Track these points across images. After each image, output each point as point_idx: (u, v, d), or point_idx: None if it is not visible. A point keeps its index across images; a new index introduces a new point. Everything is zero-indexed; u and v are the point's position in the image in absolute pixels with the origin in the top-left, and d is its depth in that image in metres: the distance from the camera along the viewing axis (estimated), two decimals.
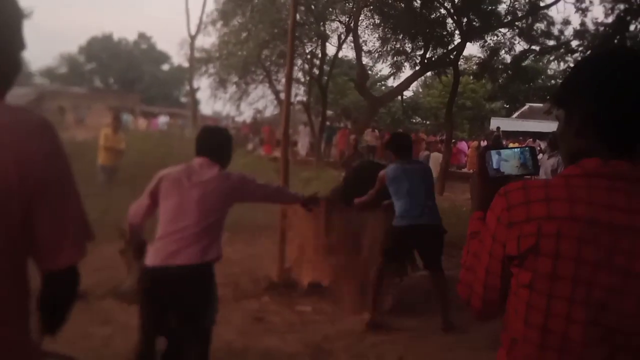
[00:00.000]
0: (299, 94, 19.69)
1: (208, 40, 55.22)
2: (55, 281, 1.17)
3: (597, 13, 57.60)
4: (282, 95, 13.26)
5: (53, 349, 1.60)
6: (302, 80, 19.50)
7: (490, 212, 1.12)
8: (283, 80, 16.36)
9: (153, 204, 2.69)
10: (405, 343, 3.73)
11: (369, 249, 4.65)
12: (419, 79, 21.46)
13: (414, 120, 32.41)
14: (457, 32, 14.49)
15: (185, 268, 2.52)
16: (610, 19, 12.41)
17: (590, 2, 13.09)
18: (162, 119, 25.24)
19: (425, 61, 15.25)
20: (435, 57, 15.38)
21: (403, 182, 4.40)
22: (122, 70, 46.42)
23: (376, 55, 16.62)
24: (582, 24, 13.33)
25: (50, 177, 1.12)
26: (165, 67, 50.76)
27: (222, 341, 3.79)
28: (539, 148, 18.21)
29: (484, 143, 21.74)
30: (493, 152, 1.28)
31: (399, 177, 4.42)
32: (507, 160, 1.26)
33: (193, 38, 20.82)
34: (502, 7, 14.41)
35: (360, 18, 15.50)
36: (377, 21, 15.45)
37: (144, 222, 2.80)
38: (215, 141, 2.85)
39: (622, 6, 11.94)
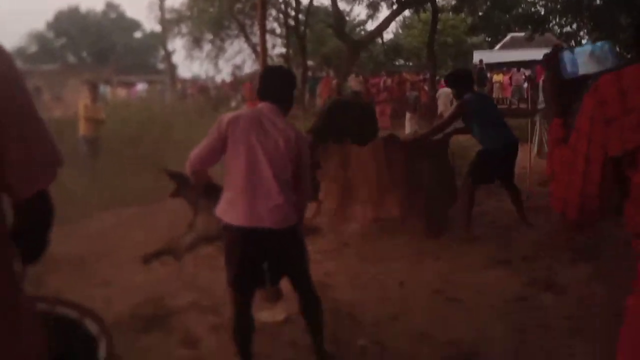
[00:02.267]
0: (277, 45, 19.31)
1: None
2: (27, 209, 1.14)
3: None
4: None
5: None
6: (279, 32, 19.08)
7: (580, 115, 1.04)
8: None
9: (221, 149, 2.53)
10: (404, 270, 3.78)
11: (431, 181, 4.82)
12: (398, 20, 21.13)
13: (397, 63, 31.98)
14: None
15: (275, 231, 2.45)
16: None
17: None
18: (140, 87, 24.74)
19: None
20: None
21: (488, 110, 4.87)
22: (93, 43, 45.14)
23: None
24: None
25: (10, 101, 1.07)
26: (138, 34, 49.37)
27: (225, 286, 3.82)
28: (524, 77, 18.11)
29: None
30: (566, 52, 1.20)
31: (484, 107, 4.83)
32: (581, 58, 1.18)
33: None
34: None
35: None
36: None
37: (208, 168, 2.68)
38: (283, 85, 2.67)
39: None
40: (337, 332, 3.07)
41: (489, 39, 30.88)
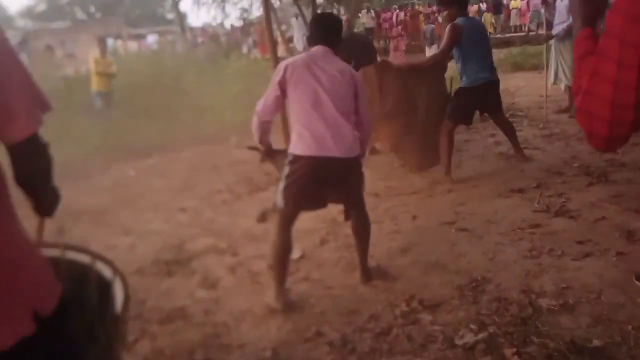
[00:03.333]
0: None
1: None
2: (18, 154, 1.17)
3: None
4: None
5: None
6: None
7: (612, 13, 0.93)
8: None
9: (282, 94, 2.72)
10: (416, 204, 3.82)
11: (427, 108, 4.60)
12: None
13: None
14: None
15: (345, 160, 2.68)
16: None
17: None
18: (151, 38, 24.48)
19: None
20: None
21: (476, 38, 4.42)
22: None
23: None
24: None
25: None
26: None
27: (242, 229, 3.95)
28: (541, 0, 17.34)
29: (483, 6, 20.79)
30: None
31: (472, 33, 4.39)
32: None
33: None
34: None
35: None
36: None
37: (274, 116, 2.89)
38: (331, 29, 2.88)
39: None
40: (351, 264, 3.16)
41: None
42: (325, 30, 2.85)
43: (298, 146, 2.68)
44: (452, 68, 4.88)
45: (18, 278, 1.11)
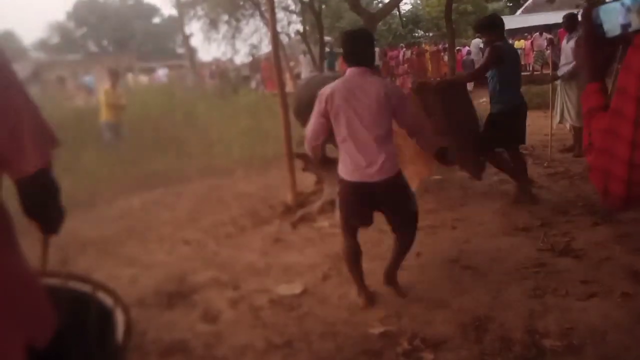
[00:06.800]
0: (293, 22, 19.15)
1: None
2: (24, 189, 1.19)
3: None
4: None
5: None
6: (293, 8, 18.91)
7: (626, 72, 0.92)
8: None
9: (327, 121, 2.92)
10: (420, 240, 3.79)
11: (462, 122, 4.58)
12: None
13: (416, 34, 31.44)
14: None
15: (384, 181, 2.89)
16: None
17: None
18: (161, 72, 24.92)
19: None
20: None
21: (514, 63, 4.53)
22: (113, 31, 45.56)
23: None
24: None
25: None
26: (156, 20, 49.64)
27: (245, 262, 3.94)
28: (546, 41, 17.61)
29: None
30: (601, 9, 1.05)
31: (511, 58, 4.47)
32: (610, 14, 1.04)
33: None
34: None
35: None
36: None
37: (323, 139, 3.08)
38: (365, 46, 2.97)
39: None
40: (353, 300, 3.13)
41: (510, 4, 30.07)
42: (359, 50, 2.93)
43: (342, 170, 2.97)
44: None
45: (12, 311, 1.11)
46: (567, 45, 6.46)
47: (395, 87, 3.10)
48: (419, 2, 33.36)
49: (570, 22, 6.46)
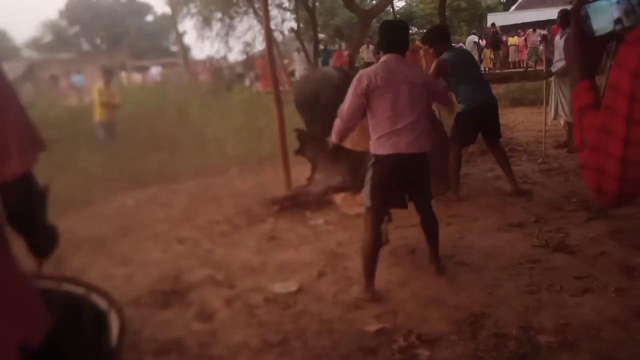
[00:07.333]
0: (287, 19, 19.11)
1: None
2: (7, 193, 1.13)
3: None
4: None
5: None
6: (286, 5, 18.86)
7: (618, 69, 0.92)
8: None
9: (366, 102, 3.08)
10: (415, 237, 3.80)
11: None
12: None
13: (411, 31, 31.42)
14: None
15: (419, 155, 3.11)
16: None
17: None
18: (155, 70, 24.81)
19: None
20: None
21: (466, 66, 4.80)
22: (106, 29, 45.24)
23: None
24: None
25: None
26: (149, 18, 49.36)
27: (240, 261, 3.93)
28: (539, 37, 17.66)
29: (482, 42, 21.14)
30: (590, 7, 1.05)
31: (461, 63, 4.75)
32: (599, 12, 1.04)
33: None
34: None
35: None
36: None
37: (359, 122, 3.22)
38: (401, 36, 3.24)
39: None
40: (348, 297, 3.13)
41: (504, 1, 30.12)
42: (396, 39, 3.20)
43: (380, 148, 3.09)
44: None
45: (4, 310, 1.10)
46: (561, 41, 6.47)
47: (425, 72, 3.68)
48: None
49: (564, 18, 6.49)
